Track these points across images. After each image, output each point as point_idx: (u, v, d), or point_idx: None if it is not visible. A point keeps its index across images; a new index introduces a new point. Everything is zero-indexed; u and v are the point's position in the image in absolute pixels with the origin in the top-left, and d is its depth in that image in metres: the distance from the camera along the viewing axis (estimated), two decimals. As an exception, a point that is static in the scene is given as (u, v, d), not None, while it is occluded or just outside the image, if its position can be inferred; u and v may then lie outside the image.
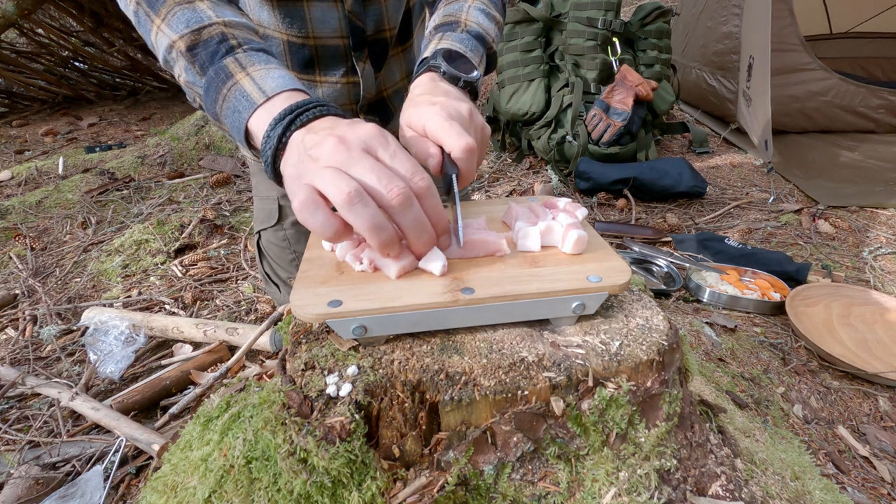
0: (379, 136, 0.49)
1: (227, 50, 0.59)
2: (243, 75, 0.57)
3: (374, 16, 0.87)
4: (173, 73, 0.64)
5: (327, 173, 0.45)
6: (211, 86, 0.59)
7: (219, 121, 0.60)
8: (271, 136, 0.53)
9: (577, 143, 2.53)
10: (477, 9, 0.82)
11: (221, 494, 0.45)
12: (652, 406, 0.46)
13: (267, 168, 0.54)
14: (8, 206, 2.26)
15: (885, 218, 2.12)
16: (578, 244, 0.51)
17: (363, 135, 0.48)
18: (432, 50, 0.74)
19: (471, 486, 0.43)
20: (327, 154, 0.47)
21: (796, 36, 2.78)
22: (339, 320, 0.44)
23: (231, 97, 0.57)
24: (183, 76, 0.62)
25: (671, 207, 2.30)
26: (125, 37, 4.46)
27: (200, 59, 0.60)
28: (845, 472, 1.00)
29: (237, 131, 0.57)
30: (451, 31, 0.78)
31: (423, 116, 0.58)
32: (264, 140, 0.53)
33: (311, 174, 0.47)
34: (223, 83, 0.58)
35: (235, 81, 0.57)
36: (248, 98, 0.56)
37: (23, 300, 1.69)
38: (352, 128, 0.49)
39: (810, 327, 1.36)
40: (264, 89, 0.56)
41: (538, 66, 2.76)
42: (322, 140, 0.48)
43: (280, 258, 1.10)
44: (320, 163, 0.47)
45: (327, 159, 0.47)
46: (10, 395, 1.24)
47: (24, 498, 0.96)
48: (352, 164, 0.46)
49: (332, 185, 0.44)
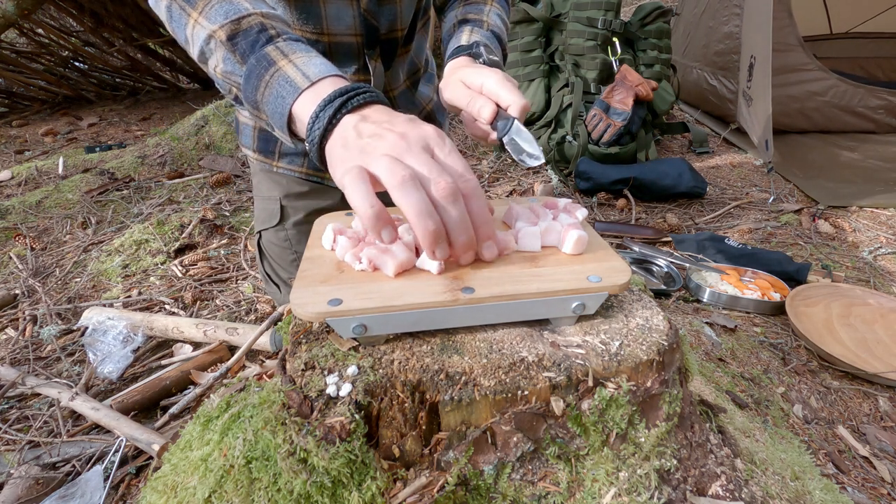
0: (437, 137, 0.51)
1: (268, 39, 0.60)
2: (286, 62, 0.58)
3: (388, 15, 0.88)
4: (208, 67, 0.65)
5: (384, 159, 0.46)
6: (252, 73, 0.59)
7: (257, 108, 0.60)
8: (321, 116, 0.53)
9: (577, 143, 2.53)
10: (496, 13, 0.91)
11: (221, 494, 0.45)
12: (652, 406, 0.46)
13: (313, 148, 0.54)
14: (8, 206, 2.26)
15: (885, 218, 2.12)
16: (578, 244, 0.51)
17: (424, 134, 0.50)
18: (468, 40, 0.82)
19: (471, 486, 0.43)
20: (387, 144, 0.48)
21: (794, 36, 2.78)
22: (339, 319, 0.44)
23: (274, 83, 0.57)
24: (220, 67, 0.62)
25: (671, 207, 2.30)
26: (125, 37, 4.46)
27: (241, 48, 0.60)
28: (845, 472, 1.00)
29: (279, 117, 0.57)
30: (479, 28, 0.86)
31: (483, 76, 0.67)
32: (312, 120, 0.53)
33: (366, 158, 0.48)
34: (265, 70, 0.58)
35: (278, 68, 0.57)
36: (291, 83, 0.56)
37: (23, 300, 1.69)
38: (413, 125, 0.51)
39: (810, 327, 1.36)
40: (308, 74, 0.56)
41: (538, 66, 2.76)
42: (383, 133, 0.50)
43: (281, 258, 1.10)
44: (377, 151, 0.48)
45: (385, 149, 0.48)
46: (10, 395, 1.24)
47: (24, 498, 0.96)
48: (407, 154, 0.48)
49: (386, 169, 0.45)
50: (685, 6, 3.64)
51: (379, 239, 0.48)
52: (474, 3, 0.93)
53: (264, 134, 1.00)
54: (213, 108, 3.13)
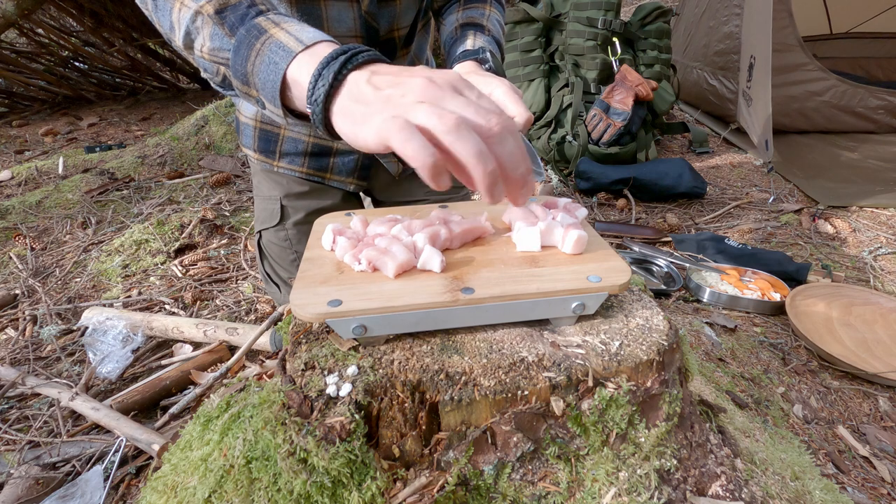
0: (462, 79, 0.49)
1: (257, 13, 0.59)
2: (277, 30, 0.56)
3: (388, 16, 0.89)
4: (193, 51, 0.62)
5: (423, 107, 0.44)
6: (242, 44, 0.56)
7: (247, 82, 0.58)
8: (324, 74, 0.50)
9: (577, 143, 2.53)
10: (495, 18, 0.92)
11: (221, 494, 0.45)
12: (652, 406, 0.46)
13: (317, 108, 0.50)
14: (8, 206, 2.26)
15: (885, 218, 2.12)
16: (578, 244, 0.51)
17: (449, 76, 0.48)
18: (473, 45, 0.84)
19: (471, 486, 0.43)
20: (416, 90, 0.46)
21: (794, 37, 2.78)
22: (339, 320, 0.44)
23: (265, 51, 0.55)
24: (207, 45, 0.60)
25: (671, 207, 2.30)
26: (125, 37, 4.46)
27: (229, 21, 0.59)
28: (845, 472, 1.00)
29: (272, 85, 0.54)
30: (481, 33, 0.87)
31: (490, 85, 0.67)
32: (314, 79, 0.50)
33: (401, 109, 0.45)
34: (256, 39, 0.56)
35: (270, 35, 0.55)
36: (284, 48, 0.54)
37: (23, 300, 1.69)
38: (433, 70, 0.49)
39: (810, 327, 1.36)
40: (301, 39, 0.54)
41: (538, 66, 2.76)
42: (405, 81, 0.47)
43: (281, 258, 1.10)
44: (408, 98, 0.46)
45: (417, 95, 0.46)
46: (10, 395, 1.24)
47: (24, 498, 0.96)
48: (445, 101, 0.45)
49: (432, 115, 0.43)
50: (685, 6, 3.64)
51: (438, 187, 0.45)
52: (474, 7, 0.94)
53: (265, 134, 1.00)
54: (213, 108, 3.13)
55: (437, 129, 0.43)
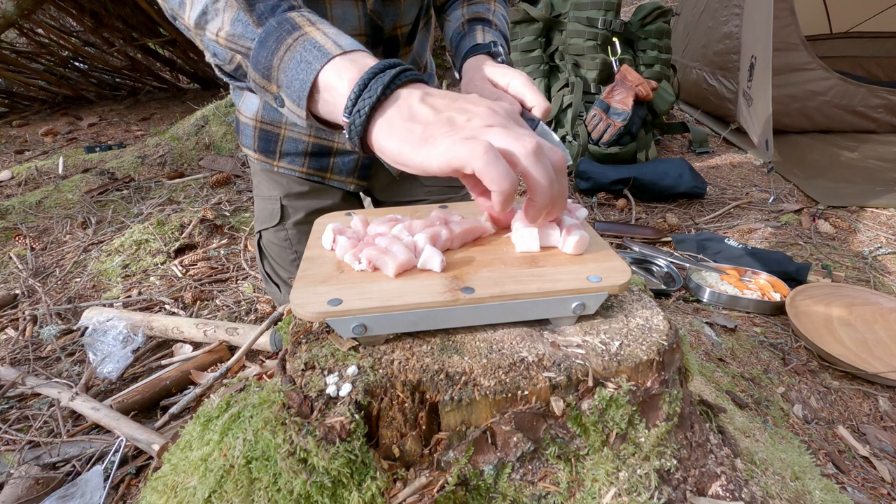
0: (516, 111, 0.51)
1: (289, 7, 0.57)
2: (313, 28, 0.54)
3: (392, 14, 0.89)
4: (205, 31, 0.59)
5: (496, 130, 0.45)
6: (271, 35, 0.54)
7: (268, 76, 0.55)
8: (371, 86, 0.48)
9: (577, 143, 2.53)
10: (500, 14, 0.93)
11: (221, 494, 0.45)
12: (652, 406, 0.46)
13: (357, 122, 0.49)
14: (8, 206, 2.26)
15: (885, 218, 2.12)
16: (579, 245, 0.51)
17: (507, 106, 0.49)
18: (483, 39, 0.85)
19: (471, 486, 0.43)
20: (484, 116, 0.47)
21: (797, 35, 2.78)
22: (339, 319, 0.44)
23: (297, 47, 0.52)
24: (226, 29, 0.57)
25: (671, 207, 2.30)
26: (125, 37, 4.46)
27: (259, 10, 0.56)
28: (845, 472, 1.00)
29: (300, 84, 0.52)
30: (489, 28, 0.88)
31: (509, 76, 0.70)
32: (358, 89, 0.48)
33: (470, 132, 0.45)
34: (288, 33, 0.53)
35: (304, 33, 0.53)
36: (321, 49, 0.52)
37: (23, 300, 1.69)
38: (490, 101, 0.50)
39: (810, 327, 1.36)
40: (340, 43, 0.52)
41: (538, 66, 2.76)
42: (466, 106, 0.48)
43: (281, 258, 1.10)
44: (475, 123, 0.46)
45: (485, 119, 0.46)
46: (10, 395, 1.25)
47: (24, 498, 0.96)
48: (511, 126, 0.46)
49: (512, 139, 0.44)
50: (685, 6, 3.64)
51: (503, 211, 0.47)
52: (478, 3, 0.94)
53: (265, 134, 1.00)
54: (213, 108, 3.13)
55: (519, 152, 0.44)
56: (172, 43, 4.45)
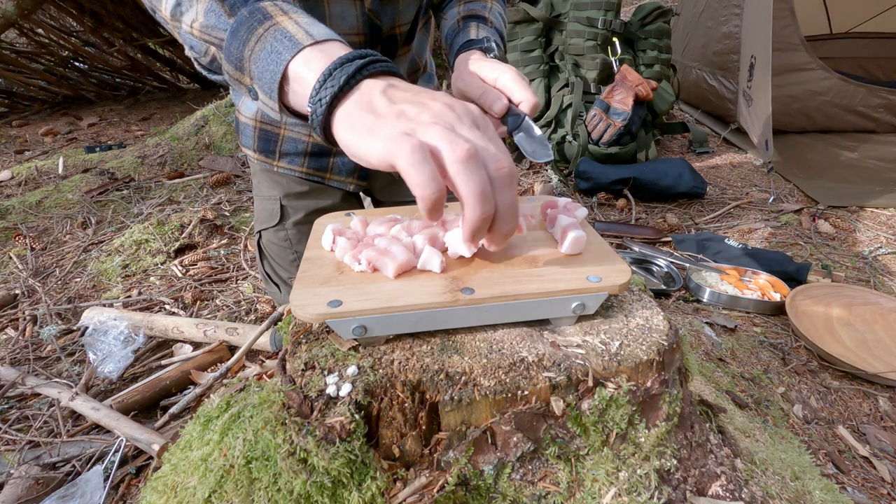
0: (482, 115, 0.47)
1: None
2: (285, 18, 0.52)
3: (390, 14, 0.88)
4: (181, 24, 0.58)
5: (436, 128, 0.41)
6: (242, 25, 0.52)
7: (241, 67, 0.53)
8: (336, 75, 0.46)
9: (577, 143, 2.53)
10: (497, 11, 0.91)
11: (221, 494, 0.45)
12: (652, 406, 0.46)
13: (320, 109, 0.47)
14: (8, 206, 2.26)
15: (885, 218, 2.12)
16: (576, 244, 0.51)
17: (471, 108, 0.46)
18: (477, 35, 0.83)
19: (471, 486, 0.43)
20: (435, 112, 0.44)
21: (797, 36, 2.78)
22: (339, 320, 0.44)
23: (268, 37, 0.51)
24: (200, 20, 0.56)
25: (671, 207, 2.30)
26: (125, 37, 4.46)
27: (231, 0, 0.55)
28: (845, 472, 1.00)
29: (271, 76, 0.50)
30: (484, 24, 0.86)
31: (497, 71, 0.68)
32: (324, 77, 0.47)
33: (409, 125, 0.42)
34: (259, 23, 0.52)
35: (276, 22, 0.52)
36: (291, 39, 0.50)
37: (23, 300, 1.69)
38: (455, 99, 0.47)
39: (810, 327, 1.36)
40: (311, 34, 0.51)
41: (538, 66, 2.75)
42: (424, 101, 0.45)
43: (281, 258, 1.10)
44: (424, 118, 0.43)
45: (432, 116, 0.43)
46: (10, 395, 1.25)
47: (24, 498, 0.96)
48: (461, 128, 0.43)
49: (445, 140, 0.41)
50: (685, 6, 3.64)
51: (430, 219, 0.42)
52: (476, 0, 0.93)
53: (265, 134, 1.00)
54: (213, 108, 3.13)
55: (448, 155, 0.40)
56: (172, 43, 4.45)
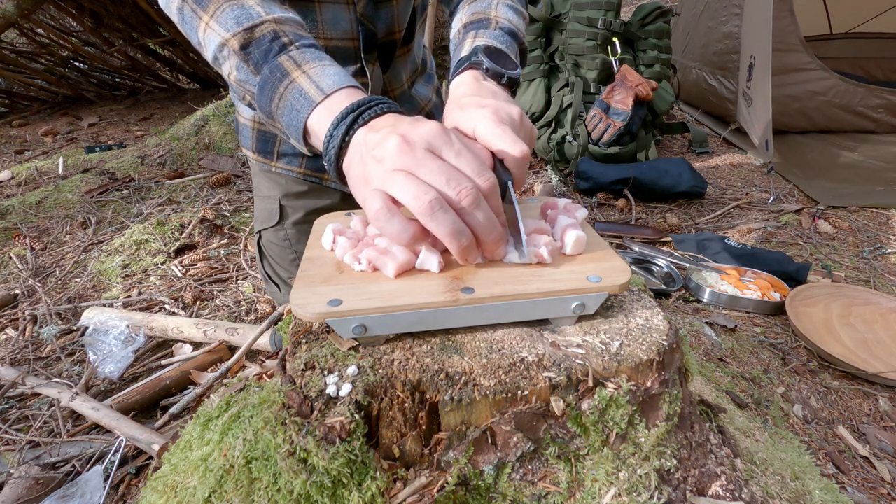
0: (442, 135, 0.48)
1: (280, 48, 0.59)
2: (299, 73, 0.57)
3: (385, 19, 0.87)
4: (222, 71, 0.65)
5: (399, 178, 0.45)
6: (266, 85, 0.58)
7: (272, 119, 0.60)
8: (334, 135, 0.52)
9: (577, 143, 2.53)
10: (505, 5, 0.80)
11: (221, 494, 0.45)
12: (652, 406, 0.46)
13: (331, 168, 0.54)
14: (8, 206, 2.26)
15: (885, 218, 2.12)
16: (577, 245, 0.51)
17: (426, 133, 0.48)
18: (470, 48, 0.72)
19: (471, 486, 0.43)
20: (392, 155, 0.47)
21: (796, 36, 2.78)
22: (339, 319, 0.44)
23: (288, 96, 0.57)
24: (234, 74, 0.62)
25: (671, 207, 2.30)
26: (125, 37, 4.46)
27: (254, 58, 0.60)
28: (845, 472, 1.00)
29: (295, 130, 0.57)
30: (485, 29, 0.77)
31: (474, 120, 0.56)
32: (327, 140, 0.53)
33: (380, 178, 0.47)
34: (279, 82, 0.57)
35: (292, 80, 0.57)
36: (305, 97, 0.56)
37: (23, 300, 1.69)
38: (414, 126, 0.49)
39: (810, 327, 1.36)
40: (322, 87, 0.56)
41: (538, 66, 2.76)
42: (384, 139, 0.48)
43: (281, 258, 1.10)
44: (386, 165, 0.47)
45: (393, 161, 0.46)
46: (10, 395, 1.24)
47: (24, 498, 0.96)
48: (419, 166, 0.46)
49: (407, 193, 0.44)
50: (685, 6, 3.64)
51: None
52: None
53: (263, 135, 1.00)
54: (213, 108, 3.13)
55: (413, 209, 0.45)
56: (172, 43, 4.45)
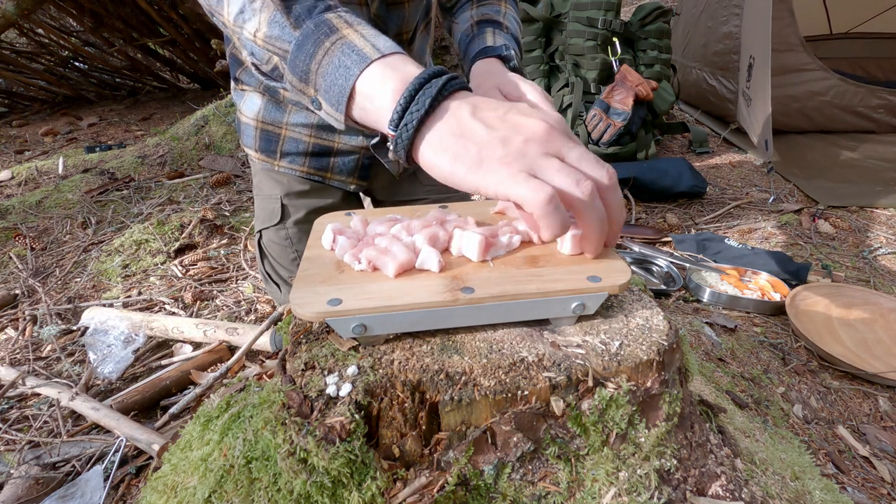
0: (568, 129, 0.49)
1: (326, 7, 0.55)
2: (351, 30, 0.52)
3: (397, 19, 0.88)
4: (243, 31, 0.58)
5: (554, 164, 0.45)
6: (308, 38, 0.52)
7: (307, 80, 0.53)
8: (419, 99, 0.47)
9: (577, 143, 2.53)
10: (511, 16, 0.89)
11: (221, 494, 0.45)
12: (652, 406, 0.46)
13: (404, 136, 0.47)
14: (8, 206, 2.26)
15: (885, 218, 2.12)
16: (576, 244, 0.51)
17: (560, 120, 0.49)
18: (494, 41, 0.79)
19: (471, 486, 0.43)
20: (539, 139, 0.45)
21: (796, 36, 2.78)
22: (339, 319, 0.44)
23: (335, 51, 0.51)
24: (263, 30, 0.56)
25: (671, 207, 2.30)
26: (125, 37, 4.46)
27: (296, 11, 0.55)
28: (845, 472, 1.00)
29: (339, 90, 0.51)
30: (500, 30, 0.83)
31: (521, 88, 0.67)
32: (406, 102, 0.47)
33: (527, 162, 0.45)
34: (326, 36, 0.52)
35: (342, 35, 0.52)
36: (358, 52, 0.50)
37: (23, 300, 1.69)
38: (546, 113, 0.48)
39: (810, 327, 1.36)
40: (378, 46, 0.51)
41: (538, 66, 2.75)
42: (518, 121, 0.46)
43: (281, 257, 1.10)
44: (532, 149, 0.45)
45: (543, 145, 0.45)
46: (10, 395, 1.24)
47: (24, 498, 0.96)
48: (568, 151, 0.46)
49: (572, 182, 0.44)
50: (685, 6, 3.64)
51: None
52: (488, 4, 0.91)
53: (266, 134, 1.00)
54: (213, 108, 3.13)
55: (576, 198, 0.44)
56: (172, 43, 4.45)
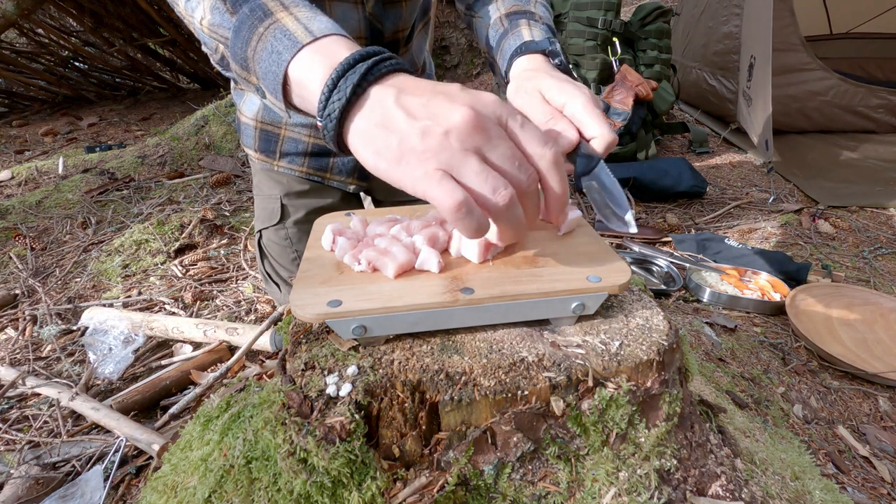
0: (504, 104, 0.43)
1: None
2: (285, 14, 0.50)
3: (393, 18, 0.88)
4: (194, 20, 0.57)
5: (473, 164, 0.40)
6: (244, 24, 0.51)
7: (247, 68, 0.52)
8: (341, 87, 0.43)
9: (577, 143, 2.53)
10: (542, 4, 0.81)
11: (221, 494, 0.45)
12: (652, 406, 0.46)
13: (331, 124, 0.44)
14: (8, 206, 2.26)
15: (885, 218, 2.12)
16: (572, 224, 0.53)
17: (493, 107, 0.42)
18: (531, 35, 0.72)
19: (471, 486, 0.43)
20: (462, 131, 0.40)
21: (796, 36, 2.78)
22: (339, 320, 0.44)
23: (268, 37, 0.49)
24: (207, 18, 0.55)
25: (671, 207, 2.30)
26: (125, 37, 4.46)
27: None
28: (845, 472, 1.00)
29: (273, 77, 0.48)
30: (535, 21, 0.76)
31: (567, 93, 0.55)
32: (329, 91, 0.44)
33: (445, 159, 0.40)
34: (259, 21, 0.50)
35: (275, 20, 0.49)
36: (290, 37, 0.47)
37: (23, 300, 1.69)
38: (473, 96, 0.42)
39: (810, 327, 1.36)
40: (311, 29, 0.48)
41: (538, 66, 2.75)
42: (442, 109, 0.41)
43: (281, 257, 1.10)
44: (452, 143, 0.40)
45: (463, 140, 0.40)
46: (10, 395, 1.24)
47: (24, 498, 0.96)
48: (492, 148, 0.41)
49: (487, 186, 0.40)
50: (685, 6, 3.64)
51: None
52: None
53: (266, 134, 1.00)
54: (213, 108, 3.13)
55: (489, 205, 0.40)
56: (172, 43, 4.45)
